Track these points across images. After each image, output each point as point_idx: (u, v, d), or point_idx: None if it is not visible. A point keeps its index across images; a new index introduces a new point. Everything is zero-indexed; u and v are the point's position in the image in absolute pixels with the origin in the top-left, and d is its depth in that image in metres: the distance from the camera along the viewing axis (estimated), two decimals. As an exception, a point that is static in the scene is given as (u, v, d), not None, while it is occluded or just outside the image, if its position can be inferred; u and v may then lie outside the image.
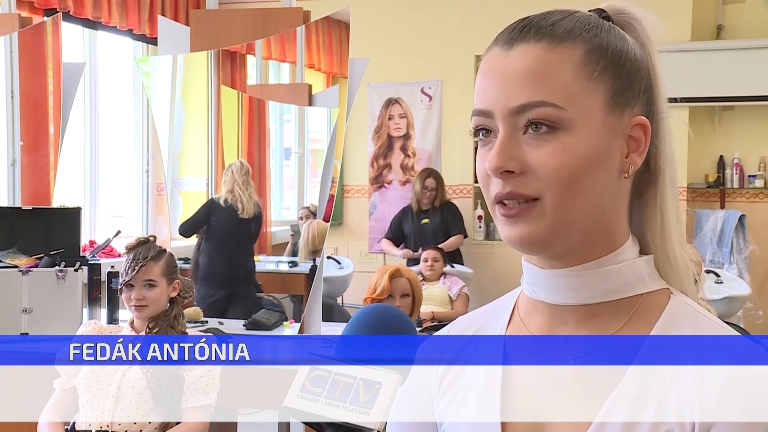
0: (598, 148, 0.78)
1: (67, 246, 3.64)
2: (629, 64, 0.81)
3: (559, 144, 0.76)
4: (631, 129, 0.80)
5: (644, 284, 0.82)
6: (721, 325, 0.81)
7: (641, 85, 0.81)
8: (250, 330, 3.63)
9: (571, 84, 0.77)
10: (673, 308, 0.81)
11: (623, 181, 0.81)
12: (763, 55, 5.40)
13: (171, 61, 4.07)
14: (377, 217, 6.25)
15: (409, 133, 6.18)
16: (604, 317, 0.81)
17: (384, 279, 3.12)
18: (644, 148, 0.81)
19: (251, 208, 3.88)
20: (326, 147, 3.76)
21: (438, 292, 4.93)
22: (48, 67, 4.11)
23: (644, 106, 0.82)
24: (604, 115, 0.78)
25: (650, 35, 0.84)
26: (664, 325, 0.80)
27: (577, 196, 0.77)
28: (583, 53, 0.78)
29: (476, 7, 5.86)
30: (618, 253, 0.81)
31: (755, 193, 5.73)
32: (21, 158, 4.13)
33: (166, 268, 2.71)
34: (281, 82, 5.06)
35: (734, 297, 4.59)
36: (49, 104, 4.10)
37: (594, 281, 0.81)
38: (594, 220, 0.79)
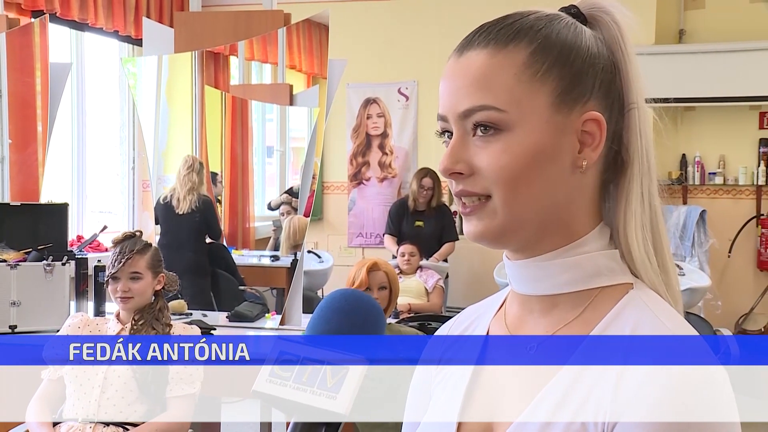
0: (543, 147, 0.77)
1: (54, 241, 3.61)
2: (579, 61, 0.79)
3: (503, 145, 0.77)
4: (582, 125, 0.79)
5: (602, 277, 0.80)
6: (665, 325, 0.76)
7: (595, 81, 0.79)
8: (233, 322, 3.61)
9: (513, 86, 0.77)
10: (624, 304, 0.78)
11: (581, 176, 0.79)
12: (722, 59, 5.45)
13: (156, 62, 4.04)
14: (356, 213, 6.25)
15: (386, 132, 6.17)
16: (562, 308, 0.80)
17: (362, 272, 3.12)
18: (599, 142, 0.79)
19: (188, 203, 3.88)
20: (307, 145, 3.75)
21: (415, 285, 4.93)
22: (36, 68, 4.06)
23: (602, 100, 0.79)
24: (549, 113, 0.77)
25: (623, 28, 0.82)
26: (608, 321, 0.78)
27: (523, 193, 0.77)
28: (527, 55, 0.78)
29: (451, 10, 5.87)
30: (577, 244, 0.80)
31: (715, 189, 5.79)
32: (9, 155, 4.08)
33: (151, 262, 2.70)
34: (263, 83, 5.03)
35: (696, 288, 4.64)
36: (37, 103, 4.06)
37: (552, 272, 0.80)
38: (548, 214, 0.79)
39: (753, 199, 5.71)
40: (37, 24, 4.09)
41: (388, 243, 5.48)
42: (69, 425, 2.51)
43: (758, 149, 5.66)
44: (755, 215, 5.68)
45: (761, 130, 5.71)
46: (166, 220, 3.96)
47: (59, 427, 2.53)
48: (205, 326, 3.32)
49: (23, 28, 4.09)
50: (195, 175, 3.91)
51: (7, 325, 3.29)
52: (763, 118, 5.70)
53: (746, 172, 5.69)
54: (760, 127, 5.71)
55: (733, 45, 5.45)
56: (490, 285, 5.41)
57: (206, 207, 3.97)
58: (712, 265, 5.60)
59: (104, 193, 5.83)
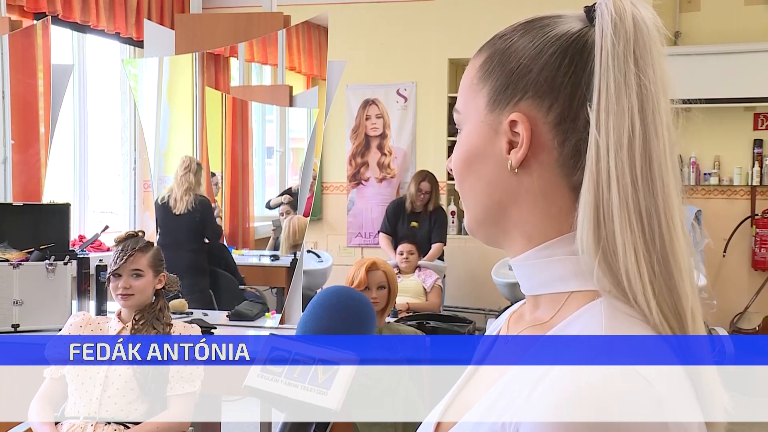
0: (476, 146, 0.79)
1: (56, 240, 3.61)
2: (517, 62, 0.76)
3: (458, 142, 0.82)
4: (509, 125, 0.76)
5: (568, 282, 0.75)
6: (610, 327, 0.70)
7: (538, 78, 0.75)
8: (234, 321, 3.61)
9: (467, 88, 0.81)
10: (586, 309, 0.73)
11: (525, 177, 0.76)
12: (717, 60, 5.46)
13: (157, 63, 4.04)
14: (355, 213, 6.25)
15: (385, 133, 6.17)
16: (542, 309, 0.79)
17: (361, 271, 3.12)
18: (524, 143, 0.75)
19: (185, 204, 3.89)
20: (306, 145, 3.75)
21: (413, 285, 4.93)
22: (38, 69, 4.06)
23: (543, 99, 0.75)
24: (485, 113, 0.78)
25: (619, 25, 0.75)
26: (563, 326, 0.74)
27: (466, 188, 0.81)
28: (482, 60, 0.80)
29: (450, 13, 5.86)
30: (545, 247, 0.77)
31: (710, 189, 5.79)
32: (12, 156, 4.08)
33: (153, 260, 2.70)
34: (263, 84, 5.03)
35: (691, 288, 4.63)
36: (39, 104, 4.06)
37: (528, 273, 0.80)
38: (495, 213, 0.79)
39: (747, 199, 5.71)
40: (39, 26, 4.08)
41: (383, 242, 5.47)
42: (70, 424, 2.50)
43: (752, 150, 5.67)
44: (750, 215, 5.68)
45: (756, 131, 5.71)
46: (164, 221, 3.96)
47: (61, 425, 2.53)
48: (205, 325, 3.32)
49: (26, 30, 4.09)
50: (192, 175, 3.91)
51: (9, 324, 3.29)
52: (758, 119, 5.70)
53: (741, 173, 5.69)
54: (754, 128, 5.72)
55: (728, 47, 5.45)
56: (487, 285, 5.41)
57: (203, 207, 3.97)
58: (707, 264, 5.61)
59: (106, 194, 5.83)
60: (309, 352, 0.78)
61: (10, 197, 4.03)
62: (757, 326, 5.58)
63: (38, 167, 4.09)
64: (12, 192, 4.05)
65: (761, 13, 5.63)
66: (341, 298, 0.84)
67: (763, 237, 5.62)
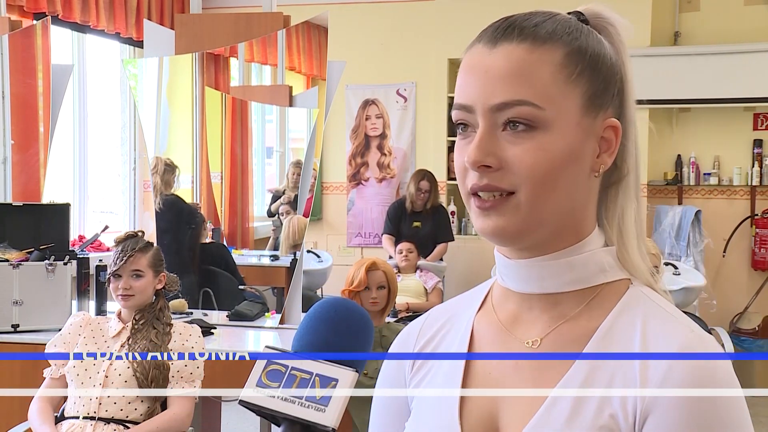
0: (573, 148, 0.78)
1: (56, 240, 3.60)
2: (605, 68, 0.81)
3: (536, 142, 0.76)
4: (603, 130, 0.80)
5: (605, 274, 0.82)
6: (672, 315, 0.80)
7: (615, 89, 0.81)
8: (234, 321, 3.61)
9: (550, 85, 0.77)
10: (629, 298, 0.81)
11: (593, 180, 0.81)
12: (717, 61, 5.45)
13: (157, 64, 4.04)
14: (355, 213, 6.24)
15: (385, 133, 6.17)
16: (565, 305, 0.82)
17: (361, 272, 3.11)
18: (614, 148, 0.81)
19: (156, 205, 3.93)
20: (306, 146, 3.75)
21: (414, 285, 4.94)
22: (38, 69, 4.06)
23: (616, 108, 0.82)
24: (579, 116, 0.78)
25: (624, 40, 0.84)
26: (618, 313, 0.80)
27: (550, 192, 0.77)
28: (563, 56, 0.78)
29: (450, 13, 5.87)
30: (582, 244, 0.81)
31: (710, 189, 5.79)
32: (12, 156, 4.07)
33: (152, 261, 2.69)
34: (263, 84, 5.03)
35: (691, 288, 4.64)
36: (39, 104, 4.06)
37: (558, 271, 0.81)
38: (564, 216, 0.80)
39: (747, 199, 5.71)
40: (39, 26, 4.08)
41: (386, 243, 5.47)
42: (71, 423, 2.50)
43: (752, 150, 5.66)
44: (749, 215, 5.68)
45: (755, 131, 5.71)
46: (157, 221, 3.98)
47: (61, 425, 2.52)
48: (205, 325, 3.31)
49: (25, 30, 4.09)
50: (158, 177, 3.91)
51: (9, 324, 3.29)
52: (757, 119, 5.70)
53: (740, 173, 5.69)
54: (754, 128, 5.71)
55: (728, 47, 5.45)
56: (487, 284, 5.40)
57: (167, 208, 3.96)
58: (707, 264, 5.61)
59: (105, 194, 5.83)
60: (306, 366, 0.75)
61: (10, 197, 4.02)
62: (756, 326, 5.58)
63: (38, 167, 4.09)
64: (12, 192, 4.05)
65: (761, 13, 5.63)
66: (338, 311, 0.82)
67: (762, 237, 5.62)
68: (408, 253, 4.99)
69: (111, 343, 2.63)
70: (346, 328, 0.80)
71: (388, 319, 3.29)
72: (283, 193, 4.20)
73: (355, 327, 0.81)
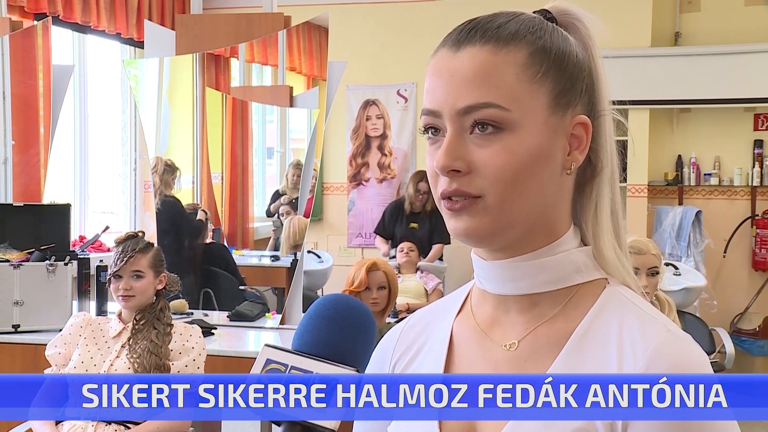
0: (541, 148, 0.77)
1: (57, 241, 3.61)
2: (571, 66, 0.80)
3: (504, 144, 0.76)
4: (573, 128, 0.80)
5: (581, 274, 0.82)
6: (649, 314, 0.80)
7: (582, 85, 0.81)
8: (234, 321, 3.61)
9: (515, 86, 0.76)
10: (606, 298, 0.81)
11: (565, 178, 0.81)
12: (717, 61, 5.45)
13: (157, 64, 4.04)
14: (355, 214, 6.25)
15: (385, 133, 6.17)
16: (542, 306, 0.81)
17: (361, 272, 3.12)
18: (585, 145, 0.81)
19: (154, 205, 3.94)
20: (307, 146, 3.75)
21: (414, 285, 4.94)
22: (38, 70, 4.06)
23: (585, 105, 0.81)
24: (547, 115, 0.78)
25: (593, 36, 0.83)
26: (595, 314, 0.80)
27: (520, 193, 0.77)
28: (526, 56, 0.78)
29: (449, 14, 5.87)
30: (556, 244, 0.81)
31: (710, 190, 5.79)
32: (12, 157, 4.08)
33: (153, 261, 2.69)
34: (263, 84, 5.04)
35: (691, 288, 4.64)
36: (40, 105, 4.06)
37: (532, 271, 0.81)
38: (536, 215, 0.79)
39: (748, 199, 5.71)
40: (39, 26, 4.08)
41: (380, 243, 5.52)
42: (71, 423, 2.50)
43: (753, 150, 5.66)
44: (750, 216, 5.68)
45: (756, 132, 5.71)
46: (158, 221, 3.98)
47: (62, 425, 2.53)
48: (205, 326, 3.31)
49: (26, 30, 4.09)
50: (158, 177, 3.91)
51: (10, 325, 3.29)
52: (758, 119, 5.70)
53: (741, 173, 5.69)
54: (754, 128, 5.71)
55: (729, 47, 5.45)
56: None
57: (165, 208, 3.96)
58: (707, 264, 5.61)
59: (106, 194, 5.83)
60: (306, 366, 0.74)
61: (10, 197, 4.03)
62: (757, 327, 5.58)
63: (38, 168, 4.09)
64: (12, 192, 4.05)
65: (761, 13, 5.63)
66: (339, 308, 0.80)
67: (763, 237, 5.62)
68: (409, 251, 5.00)
69: (111, 344, 2.63)
70: (348, 325, 0.79)
71: (388, 320, 3.29)
72: (284, 194, 4.21)
73: (357, 323, 0.79)
